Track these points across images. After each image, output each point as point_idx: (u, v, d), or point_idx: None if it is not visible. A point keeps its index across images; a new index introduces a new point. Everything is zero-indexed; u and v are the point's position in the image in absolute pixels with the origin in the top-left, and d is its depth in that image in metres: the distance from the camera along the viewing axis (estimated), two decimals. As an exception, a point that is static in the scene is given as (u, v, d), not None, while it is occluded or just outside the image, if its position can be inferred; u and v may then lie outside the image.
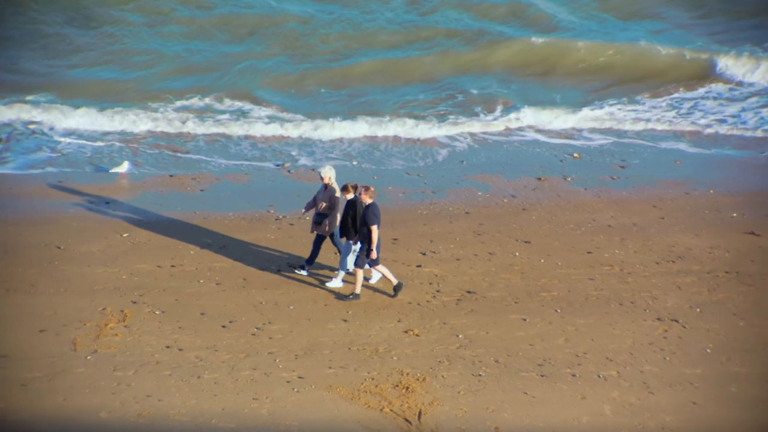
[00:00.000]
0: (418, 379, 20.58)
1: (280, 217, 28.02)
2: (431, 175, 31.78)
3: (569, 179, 31.48)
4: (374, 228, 23.31)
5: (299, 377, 20.49)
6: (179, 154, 32.78)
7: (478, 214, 28.74)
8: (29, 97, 35.85)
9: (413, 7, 45.20)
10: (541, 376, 20.90)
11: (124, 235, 26.56)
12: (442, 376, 20.75)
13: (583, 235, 27.57)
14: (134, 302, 23.22)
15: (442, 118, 36.48)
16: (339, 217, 24.44)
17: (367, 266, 23.87)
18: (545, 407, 19.89)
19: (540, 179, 31.41)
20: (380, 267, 23.91)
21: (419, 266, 25.51)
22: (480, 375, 20.84)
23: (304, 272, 24.70)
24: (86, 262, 24.99)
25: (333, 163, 32.42)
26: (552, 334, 22.52)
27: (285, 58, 40.38)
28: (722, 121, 37.19)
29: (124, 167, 30.71)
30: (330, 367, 20.91)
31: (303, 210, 24.99)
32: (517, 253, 26.36)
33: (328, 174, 24.44)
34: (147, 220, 27.52)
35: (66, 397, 19.46)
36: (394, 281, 24.04)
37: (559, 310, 23.53)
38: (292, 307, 23.33)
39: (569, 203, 29.68)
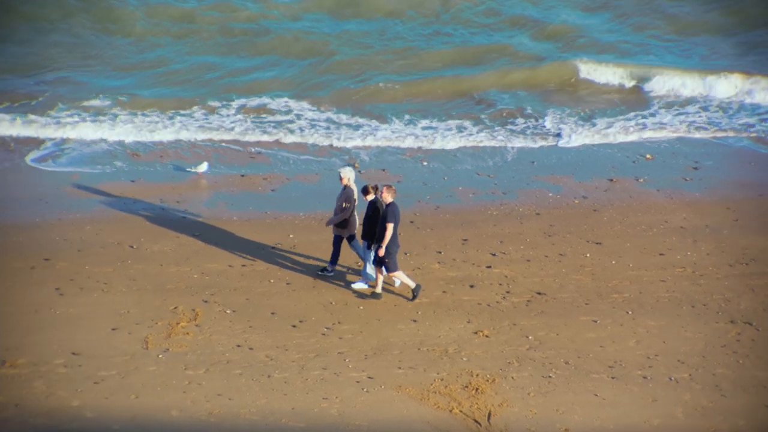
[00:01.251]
0: (487, 381, 20.54)
1: (351, 217, 28.10)
2: (501, 175, 31.68)
3: (641, 180, 31.24)
4: (390, 226, 23.24)
5: (369, 377, 20.53)
6: (251, 152, 32.94)
7: (548, 215, 28.62)
8: (89, 102, 36.17)
9: (469, 26, 44.97)
10: (612, 378, 20.78)
11: (196, 234, 26.76)
12: (512, 378, 20.69)
13: (655, 236, 27.36)
14: (205, 301, 23.39)
15: (507, 127, 36.28)
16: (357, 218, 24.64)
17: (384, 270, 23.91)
18: (616, 409, 19.77)
19: (612, 180, 31.20)
20: (397, 273, 23.78)
21: (489, 267, 25.45)
22: (550, 376, 20.76)
23: (330, 273, 24.73)
24: (158, 261, 25.20)
25: (404, 163, 32.45)
26: (623, 336, 22.38)
27: (342, 75, 40.20)
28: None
29: (204, 167, 30.88)
30: (399, 368, 20.93)
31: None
32: (588, 255, 26.22)
33: (347, 175, 24.46)
34: (218, 220, 27.69)
35: (138, 395, 19.65)
36: (378, 289, 23.94)
37: (630, 312, 23.38)
38: (362, 308, 23.38)
39: (641, 204, 29.46)
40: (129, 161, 31.93)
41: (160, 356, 21.02)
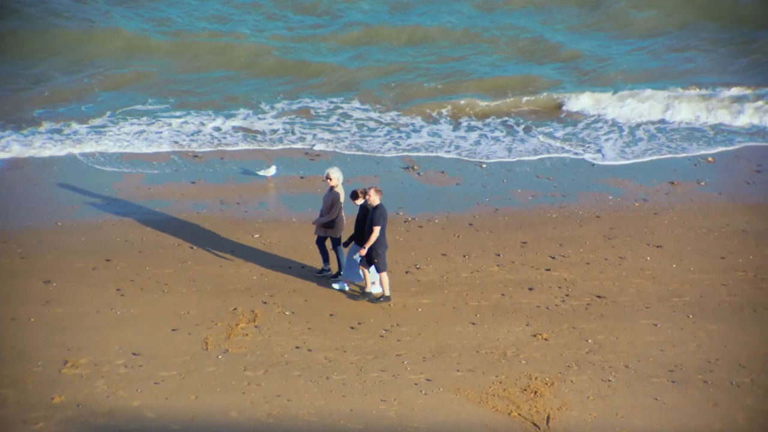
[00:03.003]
0: (546, 384, 20.46)
1: (409, 219, 28.09)
2: (561, 178, 31.55)
3: (702, 183, 30.99)
4: (376, 228, 23.18)
5: (427, 380, 20.52)
6: (311, 154, 33.03)
7: (608, 218, 28.47)
8: (137, 107, 36.57)
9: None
10: (672, 382, 20.62)
11: (255, 236, 26.89)
12: (571, 381, 20.60)
13: (717, 239, 27.13)
14: (265, 302, 23.48)
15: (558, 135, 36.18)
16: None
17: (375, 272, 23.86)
18: (676, 414, 19.62)
19: (672, 183, 30.98)
20: (383, 275, 23.69)
21: (548, 270, 25.36)
22: (609, 380, 20.64)
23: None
24: (218, 263, 25.35)
25: (463, 166, 32.42)
26: (683, 340, 22.21)
27: (392, 92, 39.94)
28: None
29: (272, 171, 30.97)
30: (458, 370, 20.90)
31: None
32: (648, 258, 26.05)
33: (335, 176, 24.36)
34: (278, 221, 27.81)
35: (197, 395, 19.76)
36: (368, 288, 23.86)
37: (691, 316, 23.20)
38: (420, 310, 23.37)
39: (702, 207, 29.23)
40: (189, 163, 32.16)
41: (220, 357, 21.13)
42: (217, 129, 35.16)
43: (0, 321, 22.29)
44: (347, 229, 24.76)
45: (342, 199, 24.32)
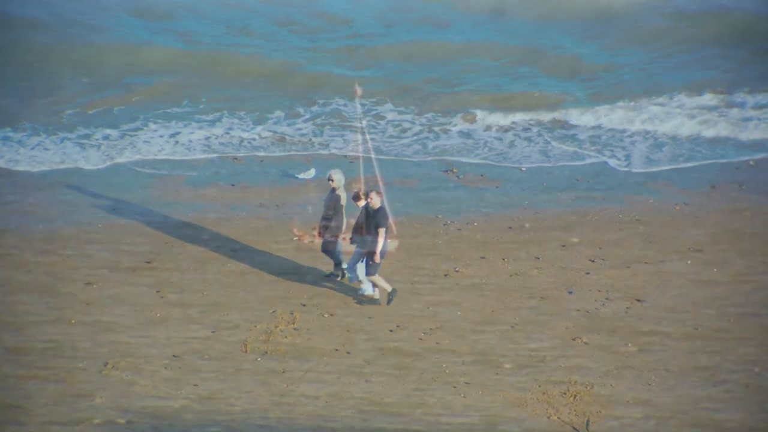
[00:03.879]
0: (586, 387, 20.38)
1: (449, 222, 28.06)
2: (600, 182, 31.44)
3: (744, 186, 30.80)
4: (381, 231, 23.09)
5: (466, 382, 20.48)
6: (350, 157, 33.06)
7: (648, 221, 28.34)
8: (172, 110, 36.60)
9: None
10: (714, 385, 20.50)
11: (294, 238, 26.93)
12: (611, 385, 20.51)
13: (759, 243, 26.95)
14: (304, 305, 23.51)
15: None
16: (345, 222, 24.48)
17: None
18: (718, 418, 19.48)
19: (713, 186, 30.81)
20: (375, 278, 23.58)
21: (588, 273, 25.27)
22: (650, 384, 20.54)
23: (343, 278, 24.47)
24: (257, 265, 25.40)
25: (502, 168, 32.38)
26: (725, 344, 22.07)
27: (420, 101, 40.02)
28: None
29: (311, 173, 31.06)
30: (497, 373, 20.85)
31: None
32: (689, 262, 25.90)
33: (337, 177, 24.33)
34: (316, 223, 27.74)
35: (237, 397, 19.80)
36: (388, 288, 23.70)
37: (732, 320, 23.06)
38: (459, 313, 23.34)
39: (744, 210, 29.04)
40: (229, 165, 32.27)
41: (259, 359, 21.18)
42: (253, 133, 35.24)
43: (42, 322, 22.43)
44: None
45: (343, 201, 24.36)
